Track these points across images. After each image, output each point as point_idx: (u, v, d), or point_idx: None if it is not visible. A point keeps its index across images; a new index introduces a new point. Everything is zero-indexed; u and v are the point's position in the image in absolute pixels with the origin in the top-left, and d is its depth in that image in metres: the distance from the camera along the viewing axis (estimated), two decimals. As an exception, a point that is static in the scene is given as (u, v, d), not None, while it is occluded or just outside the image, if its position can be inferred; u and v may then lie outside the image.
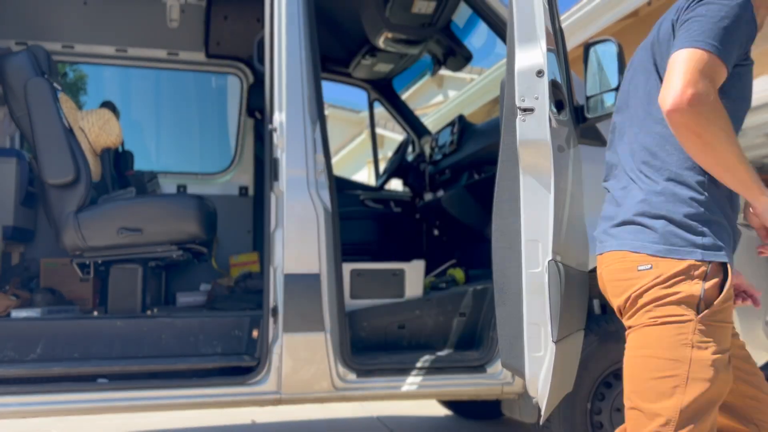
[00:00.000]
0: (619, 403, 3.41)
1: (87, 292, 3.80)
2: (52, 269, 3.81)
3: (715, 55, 1.80)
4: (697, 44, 1.81)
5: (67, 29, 5.01)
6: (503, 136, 2.98)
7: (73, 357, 3.22)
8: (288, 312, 3.21)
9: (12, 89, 3.39)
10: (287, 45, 3.34)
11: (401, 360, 3.43)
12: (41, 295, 3.54)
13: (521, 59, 2.90)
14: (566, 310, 2.85)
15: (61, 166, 3.29)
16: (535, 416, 3.40)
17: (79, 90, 6.46)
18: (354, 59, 5.56)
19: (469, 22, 4.77)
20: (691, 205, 1.92)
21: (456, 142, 4.85)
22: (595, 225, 2.46)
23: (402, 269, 3.64)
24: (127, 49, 5.17)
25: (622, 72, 3.03)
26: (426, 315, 3.63)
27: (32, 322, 3.25)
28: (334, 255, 3.29)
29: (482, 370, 3.42)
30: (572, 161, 3.07)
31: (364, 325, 3.57)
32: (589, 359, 3.38)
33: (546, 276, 2.81)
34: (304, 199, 3.27)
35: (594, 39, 3.19)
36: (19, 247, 4.13)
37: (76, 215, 3.30)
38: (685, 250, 1.89)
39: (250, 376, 3.23)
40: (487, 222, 4.33)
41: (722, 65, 1.82)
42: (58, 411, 3.12)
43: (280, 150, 3.27)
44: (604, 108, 3.09)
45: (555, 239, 2.83)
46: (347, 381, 3.29)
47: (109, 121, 3.78)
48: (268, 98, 3.35)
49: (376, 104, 6.12)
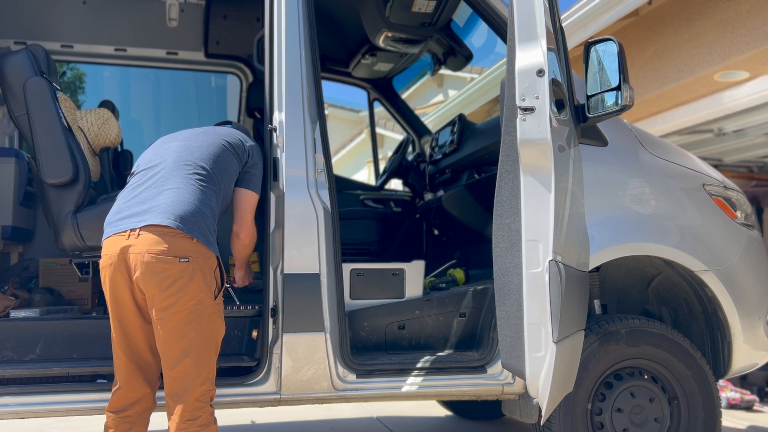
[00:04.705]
0: (620, 403, 3.41)
1: (86, 292, 3.79)
2: (51, 269, 3.80)
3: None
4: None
5: (67, 28, 5.00)
6: (504, 135, 2.98)
7: (72, 357, 3.21)
8: (288, 312, 3.20)
9: (11, 89, 3.38)
10: (287, 45, 3.33)
11: (401, 360, 3.42)
12: (40, 295, 3.53)
13: (522, 58, 2.89)
14: (566, 310, 2.84)
15: (59, 166, 3.27)
16: (535, 416, 3.40)
17: (78, 89, 6.45)
18: (354, 59, 5.55)
19: (469, 21, 4.76)
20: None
21: (456, 142, 4.85)
22: (595, 225, 2.45)
23: (402, 269, 3.63)
24: (127, 48, 5.17)
25: (623, 71, 3.02)
26: (426, 315, 3.62)
27: (31, 322, 3.24)
28: (334, 255, 3.28)
29: (483, 371, 3.42)
30: (573, 161, 3.06)
31: (364, 325, 3.56)
32: (589, 359, 3.38)
33: (546, 276, 2.80)
34: (303, 199, 3.26)
35: (595, 38, 3.18)
36: (18, 247, 4.12)
37: (75, 215, 3.29)
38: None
39: (249, 376, 3.22)
40: (487, 222, 4.32)
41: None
42: (58, 411, 3.11)
43: (279, 150, 3.26)
44: (604, 107, 3.08)
45: (555, 239, 2.82)
46: (347, 381, 3.28)
47: (108, 121, 3.77)
48: (268, 98, 3.34)
49: (376, 104, 6.11)
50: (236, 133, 3.20)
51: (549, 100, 2.84)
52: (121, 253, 2.71)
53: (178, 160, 2.91)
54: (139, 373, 2.87)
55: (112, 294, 2.79)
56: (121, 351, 2.85)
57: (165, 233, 2.68)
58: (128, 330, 2.83)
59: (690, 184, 3.63)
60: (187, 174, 2.86)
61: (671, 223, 3.53)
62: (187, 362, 2.72)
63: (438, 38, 4.97)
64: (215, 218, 2.89)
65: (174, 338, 2.72)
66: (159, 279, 2.67)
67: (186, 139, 3.04)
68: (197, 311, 2.72)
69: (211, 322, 2.78)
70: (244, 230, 3.13)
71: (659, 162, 3.61)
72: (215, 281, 2.81)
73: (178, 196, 2.77)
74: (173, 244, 2.67)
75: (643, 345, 3.45)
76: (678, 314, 3.94)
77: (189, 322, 2.71)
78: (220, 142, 3.05)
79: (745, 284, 3.60)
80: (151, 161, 2.98)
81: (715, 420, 3.50)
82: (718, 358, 3.75)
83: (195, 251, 2.71)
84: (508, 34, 2.98)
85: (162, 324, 2.71)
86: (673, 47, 6.65)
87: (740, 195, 3.83)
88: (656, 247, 3.48)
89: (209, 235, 2.79)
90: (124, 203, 2.86)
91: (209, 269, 2.78)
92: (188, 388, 2.73)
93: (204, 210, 2.80)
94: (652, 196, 3.52)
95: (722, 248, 3.57)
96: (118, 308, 2.81)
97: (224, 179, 2.98)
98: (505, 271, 2.96)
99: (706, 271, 3.51)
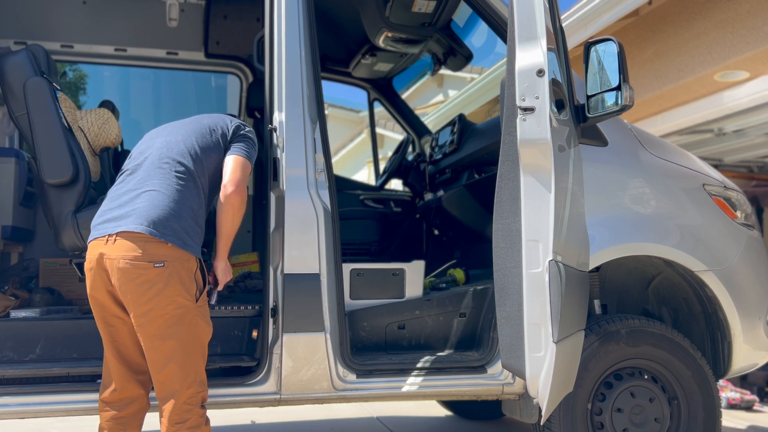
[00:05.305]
0: (620, 403, 3.41)
1: (86, 292, 3.79)
2: (51, 269, 3.80)
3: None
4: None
5: (67, 29, 5.00)
6: (504, 135, 2.98)
7: (72, 357, 3.21)
8: (288, 312, 3.20)
9: (11, 89, 3.38)
10: (287, 44, 3.33)
11: (401, 360, 3.42)
12: (40, 295, 3.53)
13: (522, 58, 2.89)
14: (567, 310, 2.84)
15: (60, 166, 3.28)
16: (535, 416, 3.40)
17: (79, 89, 6.44)
18: (354, 59, 5.55)
19: (469, 21, 4.76)
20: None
21: (456, 142, 4.85)
22: (595, 225, 2.45)
23: (402, 269, 3.63)
24: (127, 48, 5.16)
25: (623, 71, 3.02)
26: (426, 315, 3.62)
27: (31, 322, 3.24)
28: (334, 255, 3.28)
29: (483, 371, 3.41)
30: (573, 161, 3.06)
31: (364, 325, 3.56)
32: (589, 359, 3.38)
33: (546, 276, 2.80)
34: (304, 198, 3.26)
35: (595, 38, 3.18)
36: (18, 247, 4.12)
37: (75, 215, 3.29)
38: None
39: (249, 376, 3.22)
40: (487, 222, 4.32)
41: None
42: (58, 411, 3.11)
43: (279, 150, 3.26)
44: (604, 107, 3.08)
45: (555, 239, 2.82)
46: (347, 381, 3.28)
47: (109, 121, 3.77)
48: (268, 98, 3.34)
49: (376, 104, 6.11)
50: (223, 117, 3.16)
51: (549, 100, 2.84)
52: (100, 258, 2.72)
53: (159, 158, 2.89)
54: (131, 375, 2.87)
55: (95, 298, 2.80)
56: (111, 354, 2.86)
57: (139, 239, 2.68)
58: (115, 334, 2.83)
59: (690, 184, 3.63)
60: (166, 174, 2.84)
61: (671, 223, 3.53)
62: (172, 367, 2.72)
63: (438, 38, 4.97)
64: (197, 216, 2.86)
65: (156, 343, 2.72)
66: (135, 285, 2.67)
67: (169, 134, 3.02)
68: (177, 315, 2.71)
69: (194, 325, 2.77)
70: (233, 185, 2.90)
71: (659, 162, 3.61)
72: (195, 284, 2.79)
73: (154, 200, 2.76)
74: (147, 250, 2.67)
75: (643, 345, 3.45)
76: (678, 314, 3.94)
77: (169, 326, 2.70)
78: (202, 130, 3.02)
79: (745, 284, 3.60)
80: (135, 159, 2.98)
81: (715, 420, 3.49)
82: (718, 358, 3.75)
83: (170, 255, 2.70)
84: (508, 34, 2.98)
85: (142, 330, 2.71)
86: (673, 47, 6.65)
87: (740, 195, 3.83)
88: (656, 247, 3.48)
89: (186, 237, 2.76)
90: (108, 205, 2.86)
91: (187, 272, 2.75)
92: (176, 391, 2.73)
93: (182, 212, 2.78)
94: (652, 196, 3.52)
95: (722, 248, 3.57)
96: (101, 311, 2.82)
97: (206, 172, 2.94)
98: (505, 271, 2.96)
99: (706, 271, 3.51)
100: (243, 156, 3.01)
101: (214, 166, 2.98)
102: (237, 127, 3.10)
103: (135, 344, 2.83)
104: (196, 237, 2.82)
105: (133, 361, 2.86)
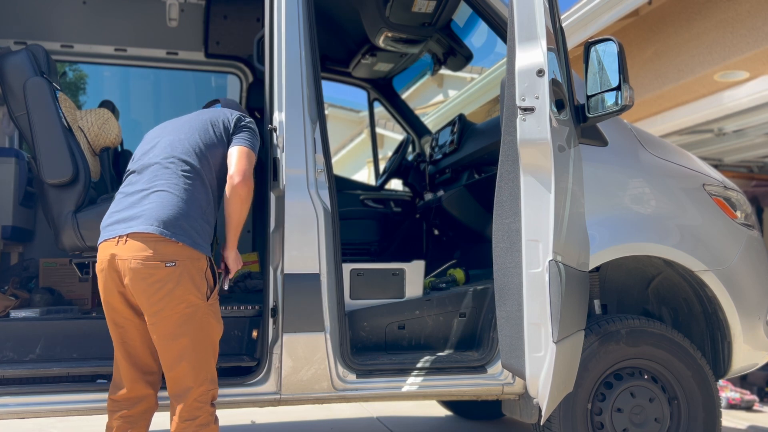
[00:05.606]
0: (620, 403, 3.41)
1: (86, 292, 3.79)
2: (51, 269, 3.80)
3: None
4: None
5: (67, 29, 5.00)
6: (504, 135, 2.98)
7: (72, 357, 3.21)
8: (288, 312, 3.20)
9: (11, 89, 3.38)
10: (287, 44, 3.33)
11: (401, 360, 3.42)
12: (40, 295, 3.53)
13: (522, 58, 2.89)
14: (567, 310, 2.84)
15: (60, 166, 3.27)
16: (535, 416, 3.40)
17: (79, 89, 6.44)
18: (354, 59, 5.55)
19: (469, 21, 4.76)
20: None
21: (456, 142, 4.85)
22: (595, 225, 2.45)
23: (402, 269, 3.63)
24: (127, 48, 5.16)
25: (623, 71, 3.02)
26: (426, 315, 3.62)
27: (31, 322, 3.24)
28: (334, 255, 3.28)
29: (483, 371, 3.41)
30: (573, 161, 3.06)
31: (364, 325, 3.56)
32: (589, 359, 3.38)
33: (546, 276, 2.80)
34: (303, 198, 3.26)
35: (595, 38, 3.18)
36: (18, 247, 4.12)
37: (75, 215, 3.29)
38: None
39: (249, 376, 3.23)
40: (487, 222, 4.32)
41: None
42: (58, 411, 3.12)
43: (279, 150, 3.26)
44: (604, 107, 3.08)
45: (555, 239, 2.82)
46: (347, 381, 3.28)
47: (108, 121, 3.77)
48: (268, 98, 3.34)
49: (376, 104, 6.11)
50: (222, 111, 3.18)
51: (549, 100, 2.84)
52: (111, 259, 2.74)
53: (164, 158, 2.91)
54: (140, 375, 2.88)
55: (105, 300, 2.82)
56: (120, 355, 2.87)
57: (150, 239, 2.70)
58: (124, 335, 2.85)
59: (690, 184, 3.63)
60: (172, 173, 2.85)
61: (671, 223, 3.53)
62: (184, 365, 2.74)
63: (438, 38, 4.97)
64: (206, 214, 2.88)
65: (168, 342, 2.74)
66: (146, 284, 2.69)
67: (171, 133, 3.03)
68: (188, 314, 2.73)
69: (205, 323, 2.79)
70: (239, 175, 2.91)
71: (659, 162, 3.61)
72: (206, 282, 2.81)
73: (163, 200, 2.77)
74: (158, 250, 2.68)
75: (643, 345, 3.45)
76: (678, 314, 3.94)
77: (181, 325, 2.72)
78: (203, 125, 3.03)
79: (745, 284, 3.60)
80: (140, 160, 2.99)
81: (715, 420, 3.49)
82: (718, 358, 3.75)
83: (181, 255, 2.72)
84: (508, 34, 2.98)
85: (154, 328, 2.73)
86: (673, 47, 6.65)
87: (740, 195, 3.83)
88: (656, 247, 3.49)
89: (196, 236, 2.78)
90: (117, 205, 2.88)
91: (198, 271, 2.78)
92: (187, 389, 2.75)
93: (191, 211, 2.79)
94: (652, 196, 3.52)
95: (722, 248, 3.57)
96: (112, 313, 2.84)
97: (212, 168, 2.96)
98: (505, 271, 2.96)
99: (706, 271, 3.51)
100: (247, 146, 3.03)
101: (220, 161, 3.00)
102: (238, 119, 3.11)
103: (144, 345, 2.85)
104: (205, 236, 2.84)
105: (142, 361, 2.88)
